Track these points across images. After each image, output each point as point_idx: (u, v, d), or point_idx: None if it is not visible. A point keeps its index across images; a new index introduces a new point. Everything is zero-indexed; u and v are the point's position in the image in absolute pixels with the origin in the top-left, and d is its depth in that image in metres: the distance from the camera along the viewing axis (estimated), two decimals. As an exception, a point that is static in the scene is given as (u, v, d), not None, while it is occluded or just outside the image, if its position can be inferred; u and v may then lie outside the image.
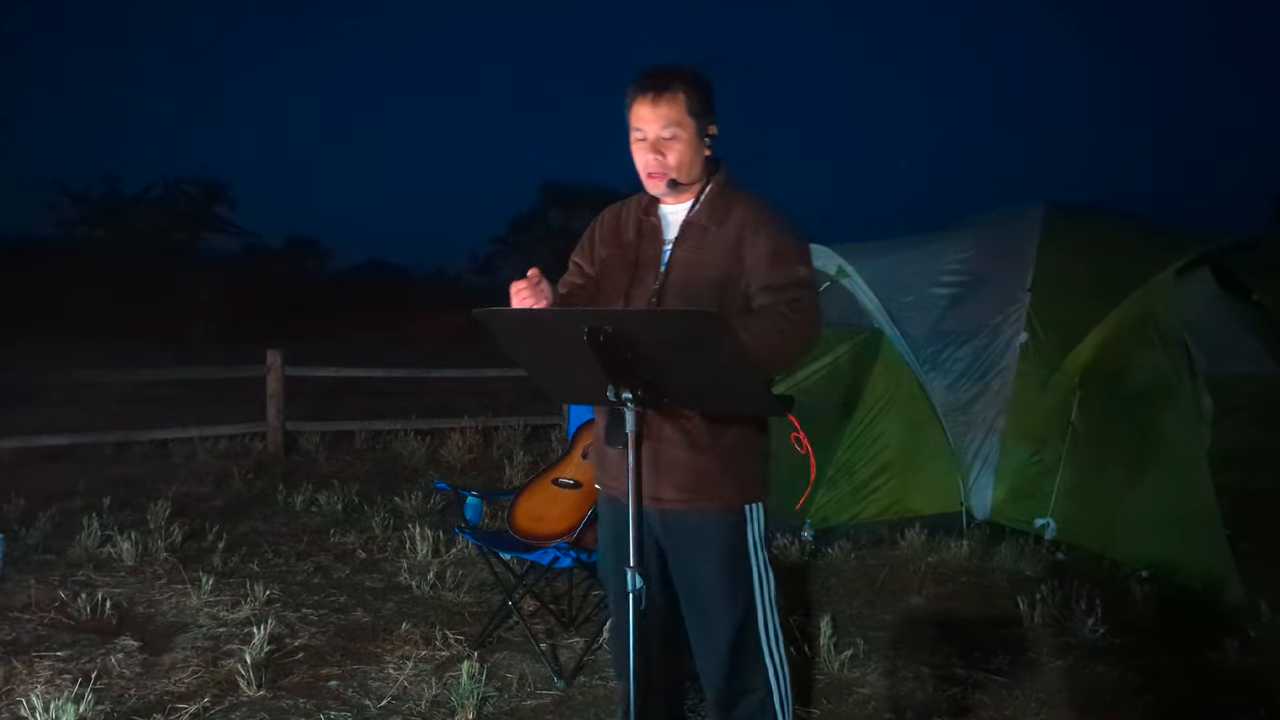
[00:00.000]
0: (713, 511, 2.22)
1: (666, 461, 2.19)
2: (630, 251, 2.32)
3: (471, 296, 10.57)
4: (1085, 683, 3.52)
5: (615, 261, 2.34)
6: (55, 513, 5.52)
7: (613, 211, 2.43)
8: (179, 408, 9.57)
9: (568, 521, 3.57)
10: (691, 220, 2.27)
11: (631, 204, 2.39)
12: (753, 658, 2.28)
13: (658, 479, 2.19)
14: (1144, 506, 4.74)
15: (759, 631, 2.28)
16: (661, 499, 2.21)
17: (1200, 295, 5.70)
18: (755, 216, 2.24)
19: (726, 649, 2.26)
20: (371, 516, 5.60)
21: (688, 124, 2.21)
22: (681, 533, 2.25)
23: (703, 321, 1.81)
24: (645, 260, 2.29)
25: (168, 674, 3.42)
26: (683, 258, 2.25)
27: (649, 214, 2.33)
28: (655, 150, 2.22)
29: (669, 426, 2.19)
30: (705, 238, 2.25)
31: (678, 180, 2.23)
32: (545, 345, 1.95)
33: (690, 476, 2.19)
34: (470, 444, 8.11)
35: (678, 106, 2.20)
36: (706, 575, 2.25)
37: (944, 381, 5.53)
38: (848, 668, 3.56)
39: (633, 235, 2.34)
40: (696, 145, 2.23)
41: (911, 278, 5.86)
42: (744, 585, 2.25)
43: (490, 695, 3.26)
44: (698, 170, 2.26)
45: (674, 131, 2.20)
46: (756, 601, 2.26)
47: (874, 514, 5.41)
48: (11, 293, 19.79)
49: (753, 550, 2.26)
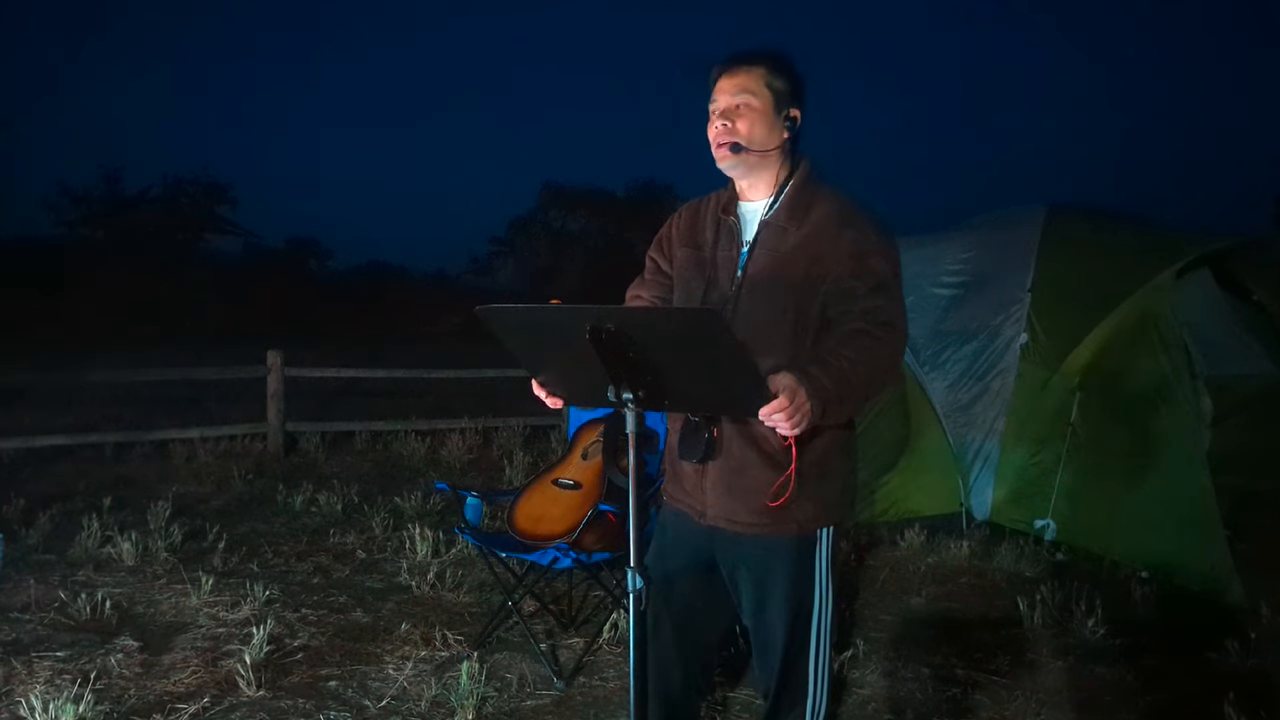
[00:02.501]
0: (786, 536, 2.11)
1: (744, 483, 2.09)
2: (707, 252, 2.18)
3: (472, 297, 10.57)
4: (1085, 683, 3.52)
5: (691, 263, 2.20)
6: (55, 513, 5.52)
7: (691, 208, 2.28)
8: (179, 408, 9.58)
9: (568, 522, 3.57)
10: (769, 220, 2.11)
11: (711, 201, 2.24)
12: (799, 679, 2.21)
13: (733, 499, 2.11)
14: (1144, 507, 4.74)
15: (810, 655, 2.20)
16: (735, 520, 2.12)
17: (1200, 296, 5.70)
18: (837, 215, 2.07)
19: (777, 669, 2.20)
20: (371, 517, 5.60)
21: (763, 94, 2.07)
22: (749, 554, 2.16)
23: (703, 320, 1.79)
24: (721, 263, 2.15)
25: (167, 674, 3.42)
26: (760, 262, 2.09)
27: (728, 212, 2.17)
28: (725, 118, 2.08)
29: (749, 447, 2.09)
30: (783, 240, 2.08)
31: (742, 145, 2.06)
32: (548, 344, 1.94)
33: (765, 499, 2.07)
34: (470, 444, 8.11)
35: (755, 77, 2.07)
36: (772, 598, 2.17)
37: (944, 382, 5.53)
38: (848, 668, 3.56)
39: (710, 235, 2.19)
40: (771, 120, 2.08)
41: (912, 278, 5.81)
42: (805, 610, 2.16)
43: (490, 695, 3.26)
44: (771, 147, 2.09)
45: (746, 99, 2.06)
46: (813, 626, 2.18)
47: (874, 515, 5.42)
48: (12, 293, 19.79)
49: (818, 575, 2.16)
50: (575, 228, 34.96)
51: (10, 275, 20.68)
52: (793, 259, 2.07)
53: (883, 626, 4.07)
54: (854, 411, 2.05)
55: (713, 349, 1.73)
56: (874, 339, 1.98)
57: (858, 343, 1.96)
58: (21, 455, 7.16)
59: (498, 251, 35.50)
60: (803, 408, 1.81)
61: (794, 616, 2.16)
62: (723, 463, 2.11)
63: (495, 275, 35.17)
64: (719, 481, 2.13)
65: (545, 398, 2.02)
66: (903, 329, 2.06)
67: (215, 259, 29.02)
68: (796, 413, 1.80)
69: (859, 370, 1.93)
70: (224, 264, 28.72)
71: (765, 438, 2.07)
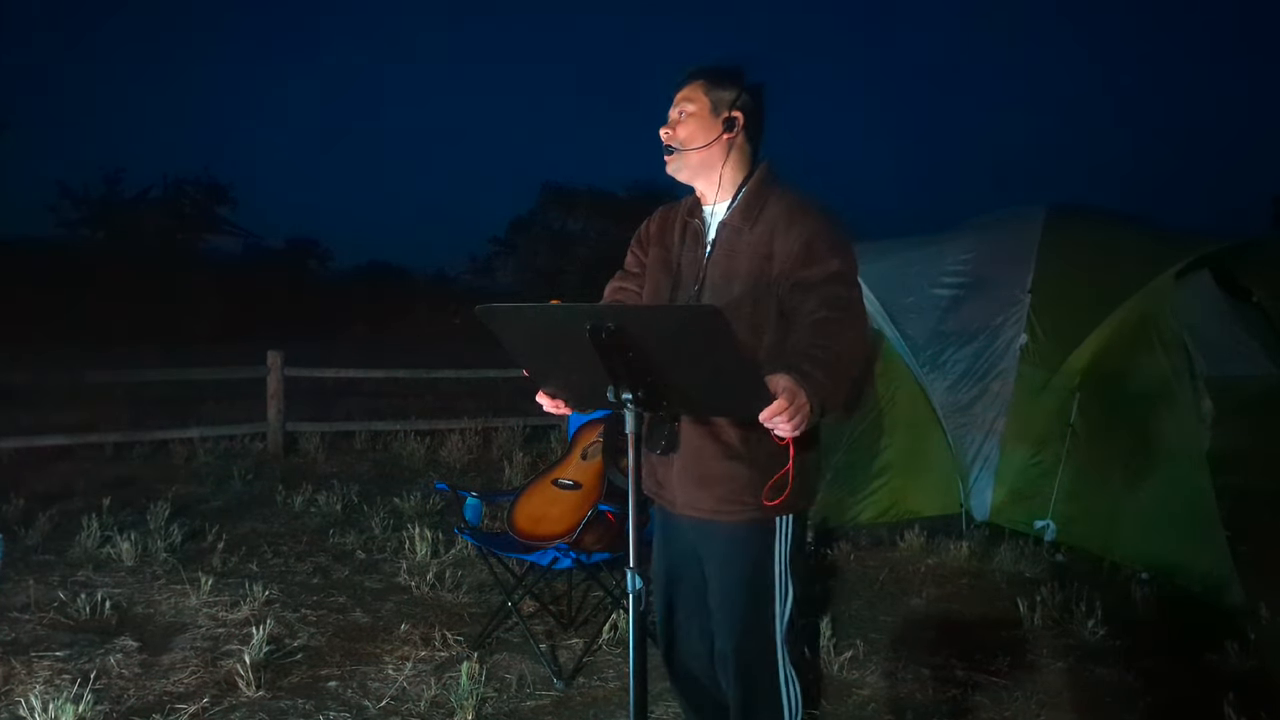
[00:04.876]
0: (743, 523, 2.17)
1: (703, 472, 2.17)
2: (673, 254, 2.28)
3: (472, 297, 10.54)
4: (1085, 684, 3.51)
5: (659, 263, 2.31)
6: (55, 513, 5.52)
7: (663, 211, 2.39)
8: (179, 408, 9.58)
9: (567, 522, 3.57)
10: (725, 222, 2.20)
11: (682, 204, 2.34)
12: (766, 670, 2.24)
13: (696, 488, 2.18)
14: (1144, 508, 4.74)
15: (775, 645, 2.23)
16: (699, 508, 2.20)
17: (1200, 297, 5.70)
18: (787, 211, 2.15)
19: (737, 658, 2.23)
20: (371, 517, 5.60)
21: (700, 102, 2.19)
22: (713, 541, 2.23)
23: (703, 318, 1.79)
24: (686, 264, 2.24)
25: (167, 674, 3.42)
26: (719, 263, 2.19)
27: (693, 215, 2.27)
28: (668, 127, 2.22)
29: (707, 437, 2.15)
30: (737, 240, 2.17)
31: (674, 148, 2.20)
32: (547, 344, 1.93)
33: (726, 487, 2.15)
34: (470, 445, 8.11)
35: (695, 88, 2.21)
36: (729, 584, 2.23)
37: (944, 383, 5.53)
38: (847, 669, 3.56)
39: (677, 236, 2.29)
40: (707, 123, 2.19)
41: (912, 279, 5.86)
42: (764, 598, 2.21)
43: (489, 696, 3.26)
44: (701, 144, 2.19)
45: (685, 107, 2.20)
46: (775, 615, 2.22)
47: (874, 515, 5.42)
48: (12, 293, 19.78)
49: (777, 564, 2.21)
50: (575, 228, 34.95)
51: (10, 275, 20.66)
52: (747, 257, 2.15)
53: (882, 627, 4.07)
54: (843, 399, 2.07)
55: (712, 348, 1.73)
56: (837, 324, 2.02)
57: (826, 330, 2.01)
58: (21, 455, 7.15)
59: (498, 252, 35.50)
60: (803, 409, 1.82)
61: (754, 602, 2.21)
62: (684, 453, 2.19)
63: (495, 276, 35.16)
64: (683, 471, 2.21)
65: (549, 405, 2.03)
66: (861, 312, 2.11)
67: (215, 259, 29.00)
68: (797, 414, 1.81)
69: (843, 357, 1.98)
70: (224, 264, 28.70)
71: (722, 429, 2.14)
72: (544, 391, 2.02)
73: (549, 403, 2.03)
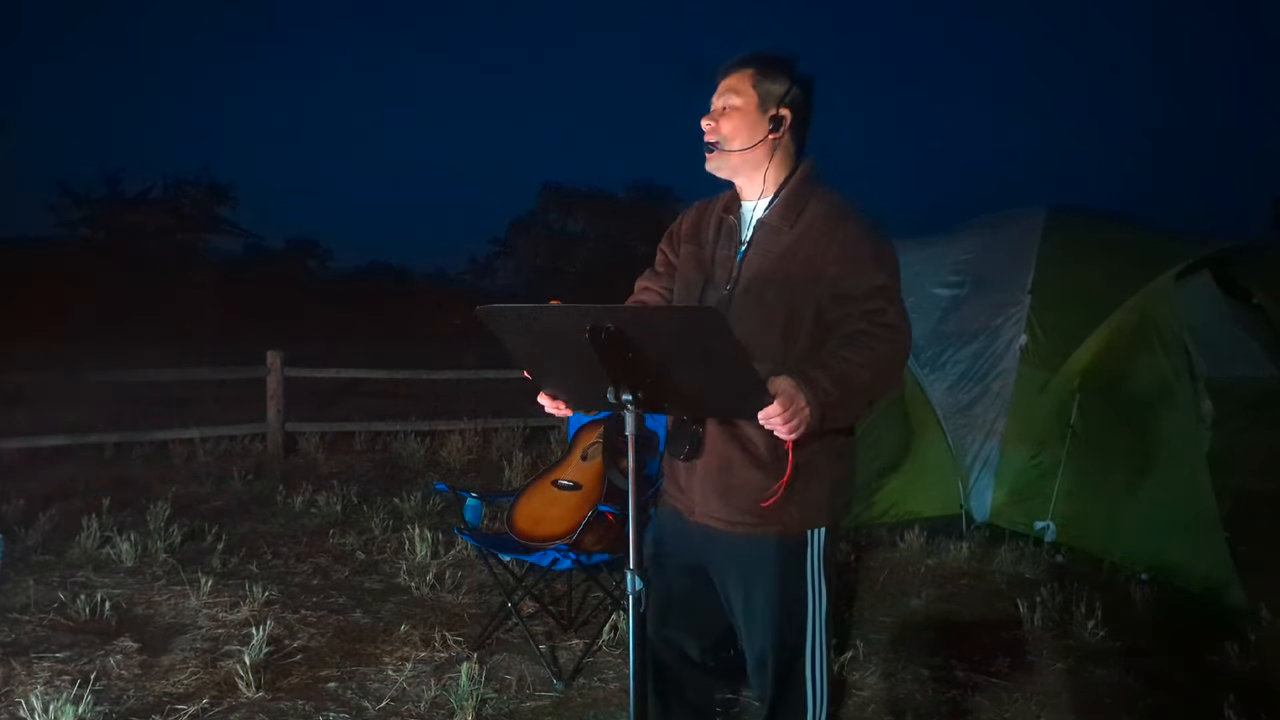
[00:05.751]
0: (772, 538, 2.08)
1: (728, 481, 2.08)
2: (707, 250, 2.19)
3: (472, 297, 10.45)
4: (1085, 686, 3.51)
5: (692, 260, 2.22)
6: (55, 513, 5.52)
7: (699, 206, 2.30)
8: (179, 408, 9.58)
9: (567, 523, 3.57)
10: (763, 220, 2.11)
11: (718, 200, 2.25)
12: (796, 684, 2.17)
13: (718, 498, 2.10)
14: (1144, 509, 4.74)
15: (805, 659, 2.16)
16: (721, 518, 2.11)
17: (1200, 298, 5.70)
18: (829, 216, 2.06)
19: (771, 674, 2.17)
20: (371, 518, 5.60)
21: (749, 95, 2.09)
22: (737, 554, 2.14)
23: (703, 319, 1.79)
24: (720, 261, 2.16)
25: (166, 675, 3.42)
26: (754, 262, 2.10)
27: (729, 211, 2.19)
28: (711, 119, 2.12)
29: (733, 446, 2.07)
30: (775, 240, 2.08)
31: (716, 146, 2.11)
32: (547, 344, 1.93)
33: (752, 499, 2.05)
34: (470, 445, 8.11)
35: (743, 79, 2.10)
36: (759, 600, 2.14)
37: (944, 384, 5.53)
38: (847, 670, 3.56)
39: (711, 233, 2.21)
40: (755, 119, 2.09)
41: (912, 279, 5.82)
42: (796, 613, 2.13)
43: (489, 697, 3.26)
44: (748, 145, 2.10)
45: (730, 99, 2.10)
46: (807, 629, 2.14)
47: (874, 516, 5.41)
48: (12, 293, 19.79)
49: (810, 577, 2.12)
50: (575, 228, 35.00)
51: (10, 275, 20.68)
52: (785, 260, 2.06)
53: (882, 628, 4.07)
54: (857, 415, 2.03)
55: (712, 349, 1.73)
56: (876, 339, 1.96)
57: (859, 344, 1.95)
58: (21, 455, 7.15)
59: (498, 252, 35.57)
60: (801, 413, 1.80)
61: (784, 620, 2.13)
62: (708, 460, 2.11)
63: (495, 276, 35.23)
64: (705, 479, 2.13)
65: (549, 406, 2.01)
66: (905, 330, 2.03)
67: (215, 259, 29.06)
68: (794, 417, 1.79)
69: (862, 372, 1.92)
70: (224, 264, 28.75)
71: (750, 438, 2.06)
72: (545, 392, 2.00)
73: (550, 403, 2.00)
